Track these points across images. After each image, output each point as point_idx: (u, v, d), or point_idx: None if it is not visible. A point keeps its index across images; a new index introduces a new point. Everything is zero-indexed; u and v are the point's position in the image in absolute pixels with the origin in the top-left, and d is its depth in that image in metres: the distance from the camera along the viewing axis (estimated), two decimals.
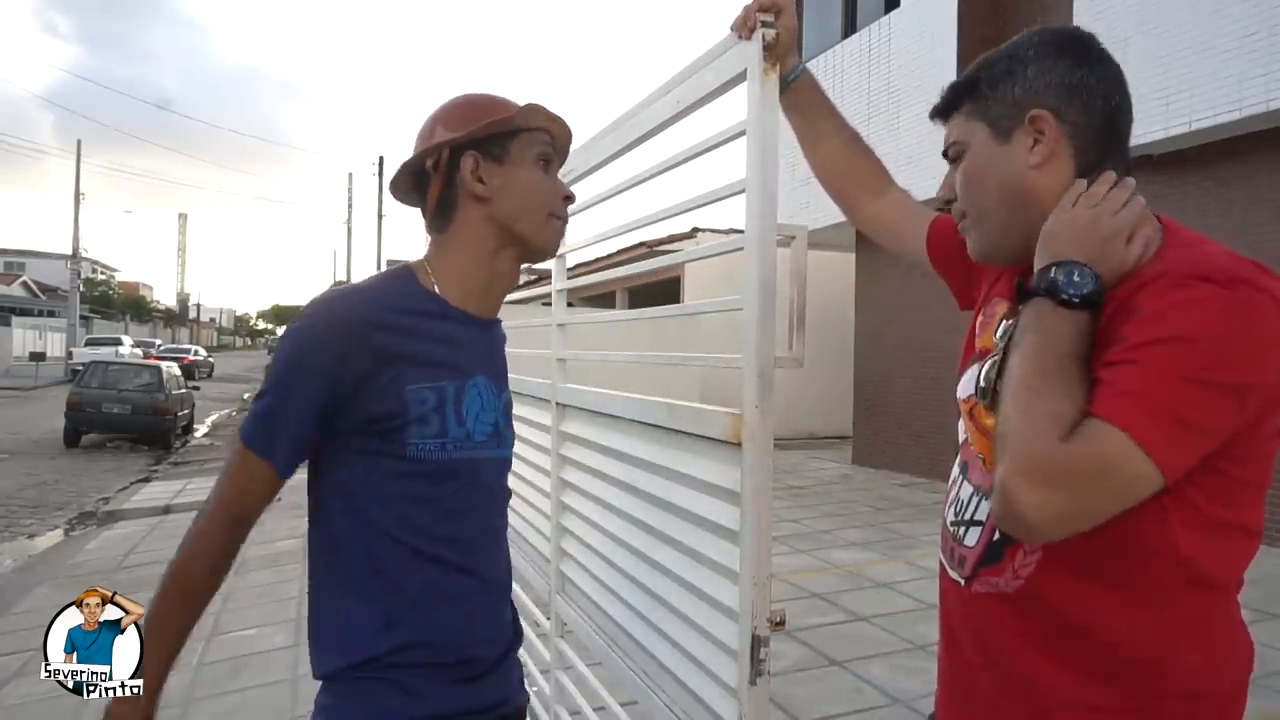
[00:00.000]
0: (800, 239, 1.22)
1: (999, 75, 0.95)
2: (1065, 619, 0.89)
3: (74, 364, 24.69)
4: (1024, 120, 0.92)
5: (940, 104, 1.02)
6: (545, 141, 1.17)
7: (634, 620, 1.45)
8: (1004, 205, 0.95)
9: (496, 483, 1.20)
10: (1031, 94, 0.92)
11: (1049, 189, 0.92)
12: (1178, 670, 0.87)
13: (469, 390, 1.12)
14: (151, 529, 6.82)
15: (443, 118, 1.16)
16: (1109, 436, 0.75)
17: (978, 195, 0.97)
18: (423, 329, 1.10)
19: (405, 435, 1.05)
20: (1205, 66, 5.78)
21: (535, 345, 2.14)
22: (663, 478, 1.37)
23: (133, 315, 55.22)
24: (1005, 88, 0.94)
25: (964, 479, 1.05)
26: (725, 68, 1.13)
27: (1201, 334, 0.77)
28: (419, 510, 1.08)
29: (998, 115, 0.95)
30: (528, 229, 1.15)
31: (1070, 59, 0.92)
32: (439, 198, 1.14)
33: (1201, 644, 0.88)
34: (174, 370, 14.62)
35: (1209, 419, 0.77)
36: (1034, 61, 0.93)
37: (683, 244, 11.18)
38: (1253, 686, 0.93)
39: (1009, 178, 0.94)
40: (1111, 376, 0.78)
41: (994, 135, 0.95)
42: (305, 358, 1.04)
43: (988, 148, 0.96)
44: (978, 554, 0.98)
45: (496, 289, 1.20)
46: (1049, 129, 0.91)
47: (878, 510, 7.23)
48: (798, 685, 3.49)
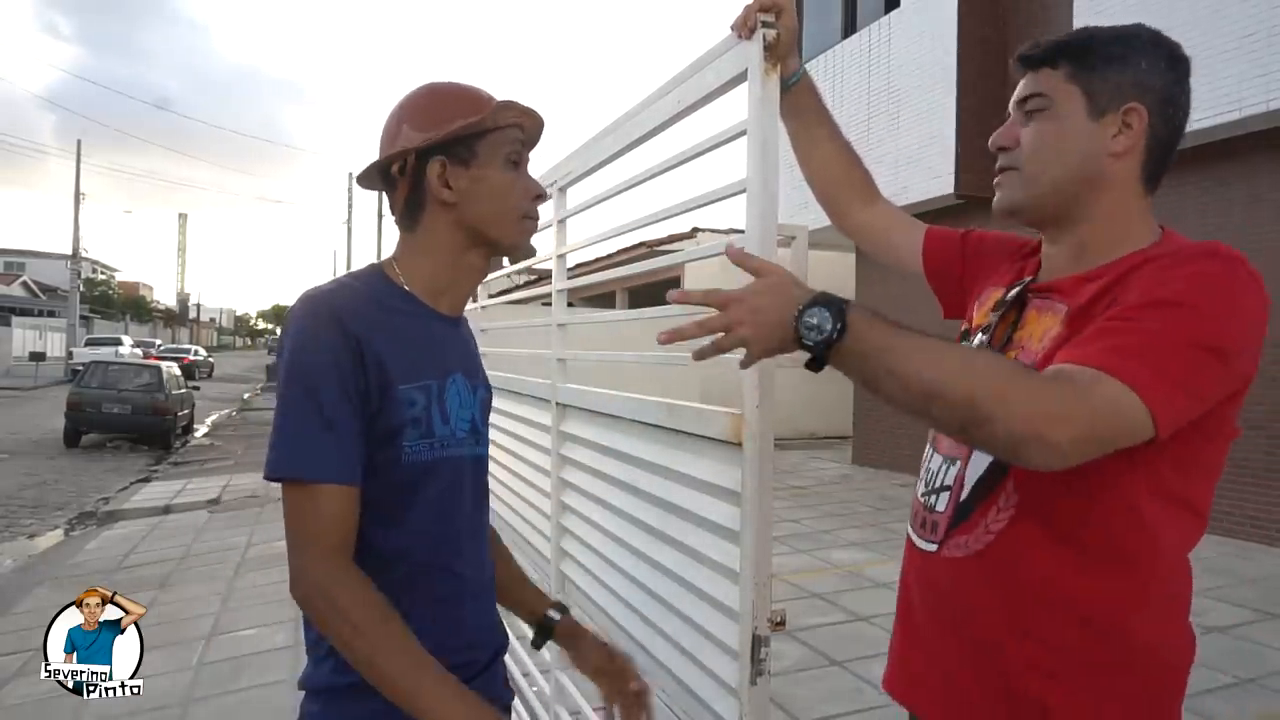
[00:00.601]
0: (801, 239, 1.22)
1: (1114, 56, 0.95)
2: (1029, 575, 0.93)
3: (74, 364, 24.68)
4: (1120, 108, 0.94)
5: (1039, 53, 1.00)
6: (516, 139, 1.12)
7: (634, 620, 1.45)
8: (1070, 173, 0.97)
9: (477, 481, 1.18)
10: (1137, 86, 0.94)
11: (1117, 178, 0.96)
12: (1132, 640, 0.91)
13: (449, 388, 1.10)
14: (151, 529, 6.82)
15: (409, 114, 1.11)
16: (1112, 387, 0.80)
17: (1047, 154, 0.98)
18: (403, 327, 1.07)
19: (400, 439, 1.03)
20: (1204, 67, 5.77)
21: (535, 345, 2.14)
22: (663, 478, 1.37)
23: (133, 315, 55.22)
24: (1117, 69, 0.95)
25: (934, 451, 1.10)
26: (726, 68, 1.13)
27: (1204, 303, 0.84)
28: (406, 512, 1.05)
29: (1099, 91, 0.95)
30: (498, 232, 1.12)
31: (1177, 72, 0.96)
32: (406, 200, 1.11)
33: (1155, 617, 0.92)
34: (174, 370, 14.61)
35: (1202, 382, 0.84)
36: (1148, 56, 0.95)
37: (683, 244, 11.18)
38: (1253, 686, 0.94)
39: (1089, 155, 0.96)
40: (1113, 333, 0.84)
41: (1088, 108, 0.96)
42: (318, 355, 0.98)
43: (1078, 118, 0.96)
44: (948, 516, 1.02)
45: (465, 286, 1.18)
46: (1138, 125, 0.94)
47: (878, 510, 7.23)
48: (798, 685, 3.49)
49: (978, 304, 1.15)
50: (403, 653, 0.92)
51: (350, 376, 0.98)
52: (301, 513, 0.95)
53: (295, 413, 0.96)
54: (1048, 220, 1.02)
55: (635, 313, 1.69)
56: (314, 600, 0.94)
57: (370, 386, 1.00)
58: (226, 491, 8.44)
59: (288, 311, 1.06)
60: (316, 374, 0.97)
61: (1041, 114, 0.99)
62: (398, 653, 0.92)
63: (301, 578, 0.94)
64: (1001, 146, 1.03)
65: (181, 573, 5.35)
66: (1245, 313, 0.85)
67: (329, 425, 0.96)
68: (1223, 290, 0.85)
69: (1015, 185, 1.01)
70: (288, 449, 0.96)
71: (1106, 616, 0.91)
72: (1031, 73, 1.01)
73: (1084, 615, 0.91)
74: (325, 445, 0.95)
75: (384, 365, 1.01)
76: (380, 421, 1.02)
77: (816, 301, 0.85)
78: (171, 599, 4.79)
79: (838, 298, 0.86)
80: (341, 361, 0.98)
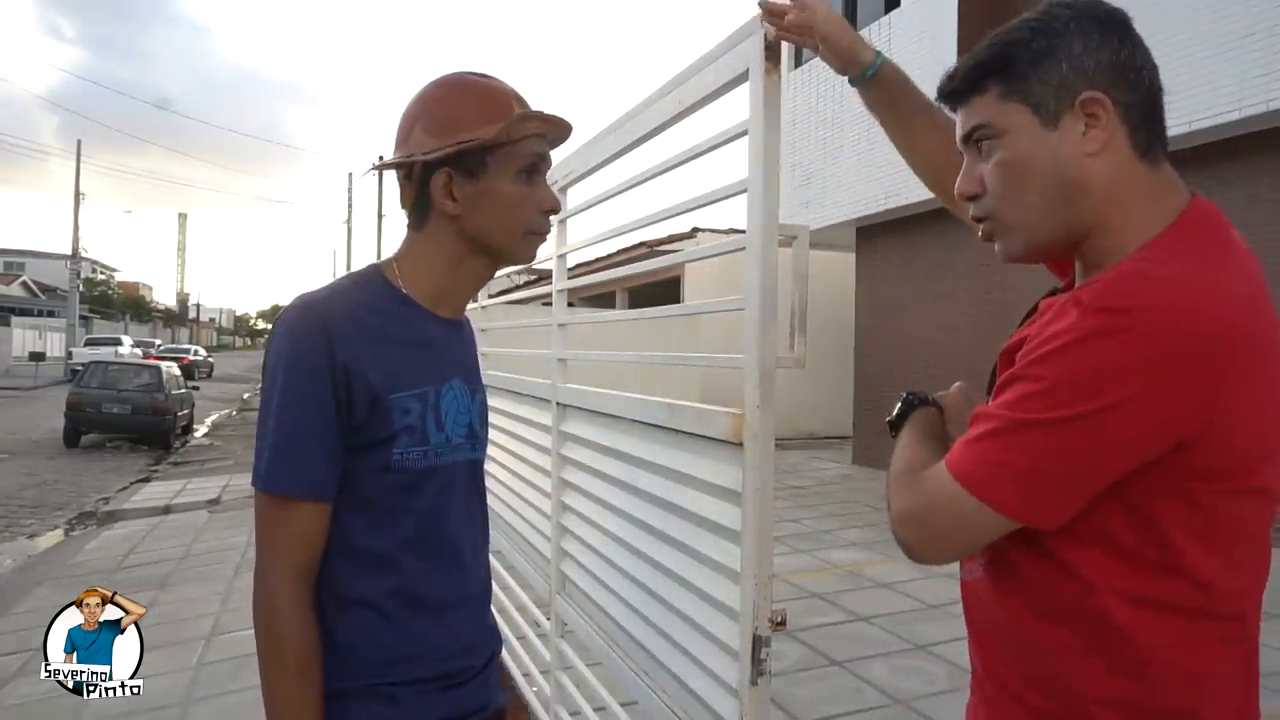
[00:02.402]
0: (802, 239, 1.22)
1: (1040, 52, 0.84)
2: (998, 612, 0.92)
3: (74, 364, 24.68)
4: (1074, 103, 0.83)
5: (959, 84, 0.90)
6: (532, 151, 1.09)
7: (635, 620, 1.45)
8: (1051, 197, 0.85)
9: (472, 486, 1.18)
10: (1081, 74, 0.82)
11: (1106, 177, 0.83)
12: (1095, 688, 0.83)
13: (446, 394, 1.10)
14: (151, 529, 6.81)
15: (424, 114, 1.09)
16: (941, 480, 0.82)
17: (1018, 187, 0.86)
18: (399, 334, 1.07)
19: (392, 446, 1.02)
20: (1205, 66, 5.78)
21: (535, 345, 2.14)
22: (664, 478, 1.37)
23: (132, 315, 55.22)
24: (1049, 66, 0.83)
25: None
26: (726, 68, 1.13)
27: (1047, 372, 0.77)
28: (400, 517, 1.05)
29: (1042, 97, 0.84)
30: (501, 244, 1.11)
31: (1116, 34, 0.84)
32: (414, 203, 1.11)
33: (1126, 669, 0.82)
34: (174, 370, 14.60)
35: (1048, 457, 0.77)
36: (1076, 37, 0.83)
37: (683, 244, 11.18)
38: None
39: (1062, 167, 0.84)
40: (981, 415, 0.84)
41: (1040, 120, 0.84)
42: (303, 364, 0.99)
43: (1032, 134, 0.84)
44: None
45: (465, 292, 1.17)
46: (1104, 112, 0.82)
47: (878, 510, 7.23)
48: (798, 685, 3.48)
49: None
50: (300, 711, 0.98)
51: (331, 393, 0.99)
52: (272, 523, 0.99)
53: (276, 427, 0.98)
54: (1065, 249, 0.90)
55: (635, 313, 1.69)
56: (263, 615, 0.99)
57: (356, 400, 1.00)
58: (226, 491, 8.43)
59: (278, 316, 1.06)
60: (299, 389, 0.98)
61: (993, 145, 0.87)
62: (297, 708, 0.97)
63: (261, 587, 0.99)
64: (969, 196, 0.91)
65: (181, 573, 5.34)
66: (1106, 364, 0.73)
67: (307, 442, 0.98)
68: (1073, 350, 0.75)
69: (1005, 238, 0.90)
70: (265, 462, 0.99)
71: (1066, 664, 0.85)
72: (962, 107, 0.90)
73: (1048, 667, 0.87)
74: (302, 462, 0.98)
75: (372, 377, 1.01)
76: (370, 431, 1.01)
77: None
78: (171, 599, 4.79)
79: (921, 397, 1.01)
80: (324, 377, 0.98)
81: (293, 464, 0.98)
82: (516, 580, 2.40)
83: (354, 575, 1.04)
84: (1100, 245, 0.86)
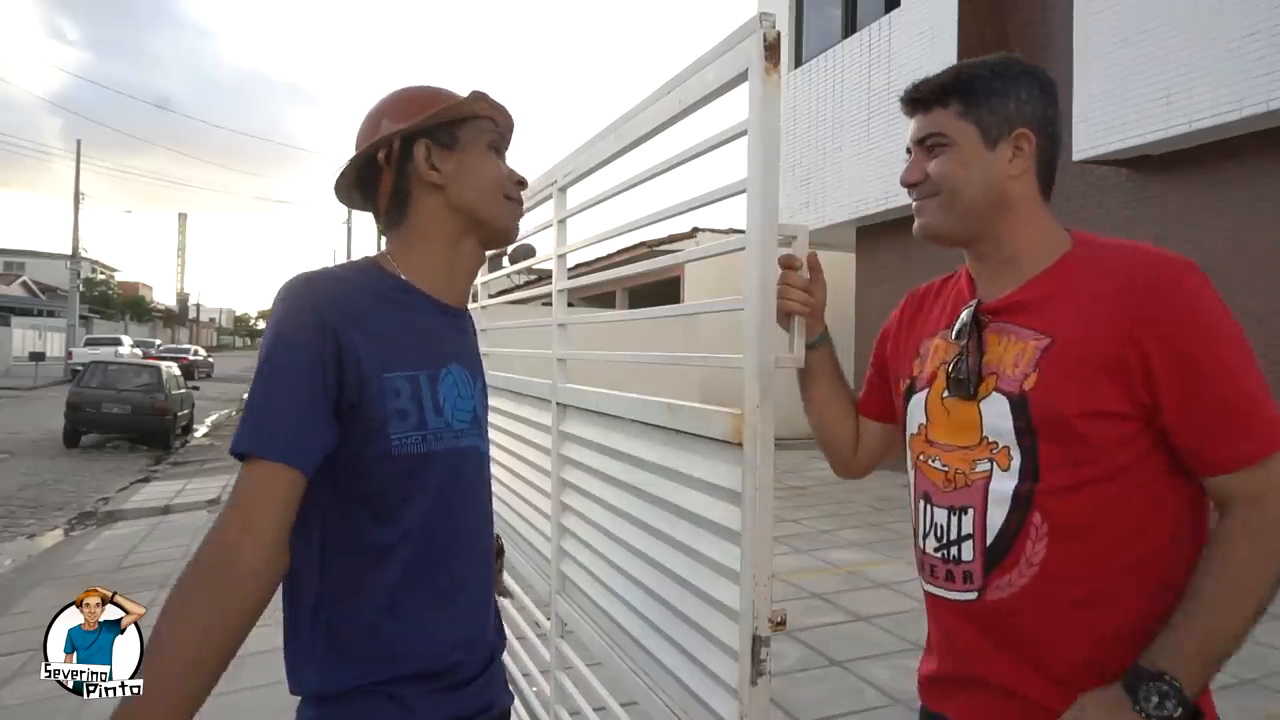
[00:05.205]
0: (801, 239, 1.22)
1: (995, 90, 1.06)
2: (1081, 588, 0.99)
3: (74, 364, 24.69)
4: (1011, 135, 1.06)
5: (927, 95, 1.10)
6: (493, 129, 1.16)
7: (634, 620, 1.45)
8: (980, 197, 1.07)
9: (479, 478, 1.17)
10: (1020, 115, 1.06)
11: (1021, 197, 1.07)
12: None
13: (444, 378, 1.09)
14: (151, 529, 6.82)
15: (388, 110, 1.14)
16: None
17: (958, 181, 1.07)
18: (394, 316, 1.07)
19: (386, 430, 1.02)
20: (1205, 66, 5.78)
21: (535, 345, 2.14)
22: (663, 478, 1.37)
23: (132, 315, 55.19)
24: (1000, 102, 1.06)
25: (931, 506, 1.11)
26: (726, 67, 1.13)
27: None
28: (403, 506, 1.04)
29: (990, 124, 1.06)
30: (487, 212, 1.14)
31: (1049, 97, 1.08)
32: (392, 190, 1.12)
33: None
34: (174, 370, 14.61)
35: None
36: (1024, 87, 1.07)
37: (683, 244, 11.18)
38: (1253, 686, 0.95)
39: (993, 181, 1.07)
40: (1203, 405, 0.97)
41: (983, 140, 1.06)
42: (293, 336, 0.99)
43: (976, 149, 1.07)
44: (981, 563, 1.03)
45: (461, 277, 1.18)
46: (1029, 146, 1.06)
47: (878, 510, 7.23)
48: (798, 685, 3.49)
49: (916, 359, 1.19)
50: (180, 673, 0.91)
51: (320, 365, 0.98)
52: (249, 486, 0.95)
53: (258, 391, 0.97)
54: (971, 239, 1.11)
55: (635, 313, 1.69)
56: (211, 558, 0.92)
57: (346, 378, 0.99)
58: (226, 492, 8.41)
59: (276, 293, 1.06)
60: (288, 362, 0.98)
61: (944, 149, 1.08)
62: (177, 668, 0.91)
63: (221, 539, 0.92)
64: (911, 183, 1.12)
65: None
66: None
67: (285, 408, 0.96)
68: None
69: (935, 210, 1.10)
70: (248, 427, 0.96)
71: (1175, 583, 0.96)
72: (923, 114, 1.11)
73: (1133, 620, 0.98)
74: (277, 427, 0.96)
75: (363, 355, 1.00)
76: (362, 413, 1.01)
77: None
78: None
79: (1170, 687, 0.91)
80: (313, 350, 0.98)
81: (268, 429, 0.96)
82: (516, 580, 2.40)
83: (361, 568, 1.04)
84: (1017, 252, 1.08)
